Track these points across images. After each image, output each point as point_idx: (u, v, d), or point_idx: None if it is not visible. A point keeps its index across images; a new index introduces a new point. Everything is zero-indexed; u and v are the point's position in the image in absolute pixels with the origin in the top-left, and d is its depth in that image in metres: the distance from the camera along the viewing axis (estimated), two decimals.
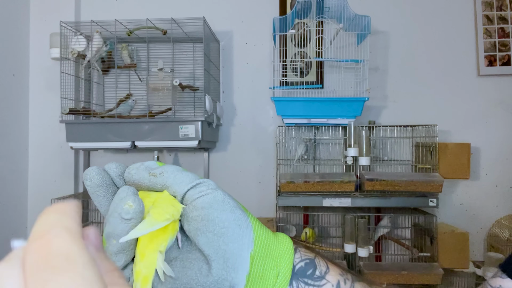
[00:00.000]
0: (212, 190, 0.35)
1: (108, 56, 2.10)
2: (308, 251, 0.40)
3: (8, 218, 2.10)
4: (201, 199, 0.35)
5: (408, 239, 2.11)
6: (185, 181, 0.36)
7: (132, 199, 0.32)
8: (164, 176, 0.36)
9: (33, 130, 2.26)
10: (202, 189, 0.35)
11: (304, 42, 2.21)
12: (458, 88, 2.17)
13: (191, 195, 0.35)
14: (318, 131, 2.13)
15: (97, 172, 0.36)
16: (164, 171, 0.36)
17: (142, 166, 0.37)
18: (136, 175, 0.36)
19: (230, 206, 0.35)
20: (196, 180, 0.36)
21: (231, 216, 0.35)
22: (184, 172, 0.36)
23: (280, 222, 2.02)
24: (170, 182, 0.36)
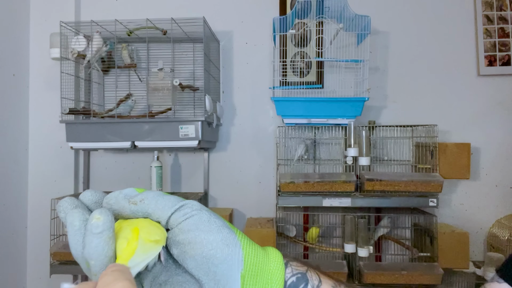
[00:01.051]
0: (197, 211, 0.35)
1: (108, 56, 2.10)
2: (299, 264, 0.40)
3: (8, 218, 2.10)
4: (186, 222, 0.34)
5: (408, 239, 2.11)
6: (168, 205, 0.35)
7: (99, 211, 0.31)
8: (145, 203, 0.35)
9: (33, 130, 2.26)
10: (186, 211, 0.34)
11: (304, 42, 2.21)
12: (458, 88, 2.17)
13: (175, 219, 0.34)
14: (318, 131, 2.13)
15: (69, 203, 0.35)
16: (145, 197, 0.35)
17: (120, 195, 0.36)
18: (115, 205, 0.35)
19: (216, 225, 0.35)
20: (179, 202, 0.35)
21: (218, 236, 0.34)
22: (165, 196, 0.35)
23: (280, 222, 2.02)
24: (152, 208, 0.35)
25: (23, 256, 2.22)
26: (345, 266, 1.87)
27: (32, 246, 2.24)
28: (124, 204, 0.35)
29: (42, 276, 2.20)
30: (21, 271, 2.21)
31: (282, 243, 2.00)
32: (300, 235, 2.09)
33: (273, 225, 1.95)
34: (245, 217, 2.20)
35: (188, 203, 0.35)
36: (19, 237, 2.19)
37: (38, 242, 2.20)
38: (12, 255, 2.14)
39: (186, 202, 0.35)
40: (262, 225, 1.95)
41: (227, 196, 2.23)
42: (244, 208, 2.22)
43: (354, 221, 1.85)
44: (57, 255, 1.89)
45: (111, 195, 0.36)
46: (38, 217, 2.21)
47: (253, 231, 1.88)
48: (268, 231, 1.87)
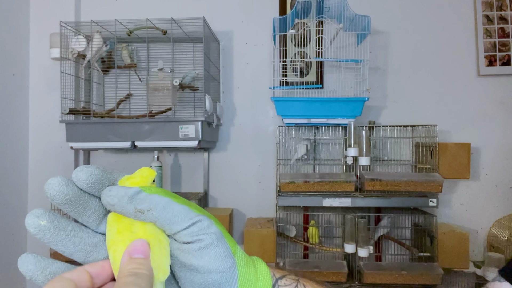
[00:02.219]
0: (205, 236, 0.33)
1: (108, 56, 2.10)
2: (289, 280, 0.40)
3: (8, 218, 2.10)
4: (193, 246, 0.33)
5: (408, 239, 2.11)
6: (177, 221, 0.33)
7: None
8: (153, 215, 0.33)
9: (33, 130, 2.26)
10: (194, 231, 0.33)
11: (304, 42, 2.21)
12: (458, 88, 2.17)
13: (182, 236, 0.33)
14: (318, 131, 2.13)
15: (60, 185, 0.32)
16: (153, 207, 0.33)
17: (125, 197, 0.32)
18: (118, 207, 0.33)
19: (221, 257, 0.34)
20: (189, 220, 0.33)
21: (220, 269, 0.34)
22: (175, 208, 0.33)
23: (280, 222, 2.02)
24: (161, 222, 0.33)
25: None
26: (345, 266, 1.87)
27: (32, 246, 2.24)
28: (129, 210, 0.32)
29: None
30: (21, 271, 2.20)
31: (282, 243, 2.00)
32: (300, 235, 2.09)
33: (273, 225, 1.95)
34: (245, 217, 2.20)
35: (199, 221, 0.34)
36: (19, 237, 2.19)
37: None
38: (12, 255, 2.14)
39: (196, 219, 0.34)
40: (262, 225, 1.95)
41: (227, 196, 2.23)
42: (244, 208, 2.22)
43: (354, 221, 1.85)
44: (57, 255, 1.89)
45: (113, 193, 0.33)
46: None
47: (253, 231, 1.88)
48: (268, 231, 1.87)
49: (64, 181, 0.32)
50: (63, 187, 0.32)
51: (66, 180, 0.32)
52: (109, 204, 0.33)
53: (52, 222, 0.32)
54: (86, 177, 0.33)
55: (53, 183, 0.32)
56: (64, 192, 0.32)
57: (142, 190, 0.33)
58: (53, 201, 0.32)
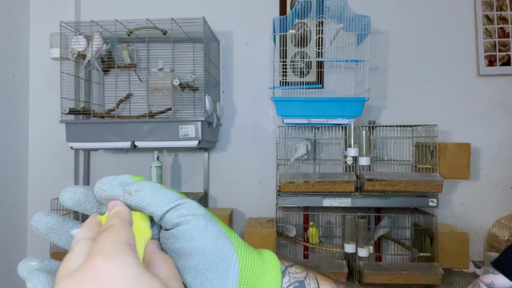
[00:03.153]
0: (193, 217, 0.33)
1: (108, 56, 2.10)
2: (298, 269, 0.39)
3: (8, 218, 2.10)
4: (182, 228, 0.33)
5: (408, 239, 2.11)
6: (163, 201, 0.33)
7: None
8: (140, 195, 0.33)
9: (33, 130, 2.26)
10: (182, 212, 0.33)
11: (304, 42, 2.21)
12: (458, 88, 2.17)
13: (170, 219, 0.33)
14: (318, 131, 2.13)
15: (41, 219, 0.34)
16: (141, 188, 0.33)
17: (115, 181, 0.34)
18: (108, 191, 0.34)
19: (213, 236, 0.33)
20: (176, 200, 0.33)
21: (214, 249, 0.33)
22: (162, 190, 0.34)
23: (280, 222, 2.02)
24: (147, 202, 0.33)
25: (23, 256, 2.22)
26: (345, 266, 1.87)
27: (32, 246, 2.24)
28: (118, 191, 0.33)
29: None
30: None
31: (282, 243, 2.00)
32: (300, 235, 2.09)
33: (273, 225, 1.95)
34: (245, 217, 2.20)
35: (185, 202, 0.33)
36: (19, 237, 2.19)
37: (38, 242, 2.20)
38: (12, 255, 2.14)
39: (183, 201, 0.33)
40: (262, 225, 1.95)
41: (227, 196, 2.23)
42: (244, 208, 2.22)
43: (354, 221, 1.85)
44: (57, 255, 1.89)
45: (105, 180, 0.34)
46: None
47: (253, 231, 1.88)
48: (268, 231, 1.87)
49: (45, 212, 0.34)
50: (46, 217, 0.34)
51: (47, 212, 0.34)
52: (100, 190, 0.34)
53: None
54: (70, 195, 0.34)
55: (38, 216, 0.34)
56: (45, 221, 0.34)
57: (131, 176, 0.35)
58: (38, 231, 0.33)
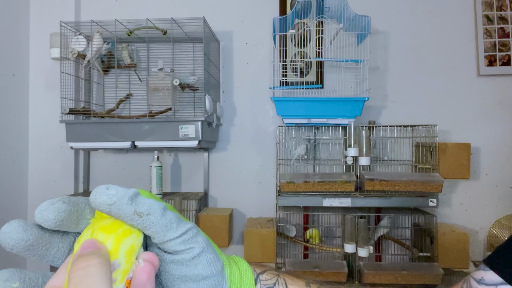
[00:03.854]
0: (197, 245, 0.33)
1: (108, 56, 2.10)
2: (269, 275, 0.41)
3: (8, 218, 2.10)
4: (185, 257, 0.33)
5: (408, 239, 2.11)
6: (171, 228, 0.32)
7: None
8: (151, 220, 0.31)
9: (33, 130, 2.26)
10: (186, 238, 0.33)
11: (304, 42, 2.21)
12: (458, 88, 2.17)
13: (173, 245, 0.32)
14: (318, 131, 2.13)
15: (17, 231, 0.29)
16: (152, 212, 0.31)
17: (126, 197, 0.29)
18: (115, 208, 0.29)
19: (211, 262, 0.34)
20: (182, 227, 0.33)
21: (212, 274, 0.34)
22: (169, 214, 0.32)
23: (280, 222, 2.02)
24: (156, 228, 0.31)
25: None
26: (345, 266, 1.87)
27: None
28: (127, 212, 0.30)
29: None
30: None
31: (282, 243, 2.00)
32: (300, 235, 2.09)
33: (273, 225, 1.95)
34: (245, 217, 2.20)
35: (189, 229, 0.33)
36: None
37: None
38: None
39: (188, 227, 0.33)
40: (262, 225, 1.95)
41: (227, 196, 2.23)
42: (244, 208, 2.22)
43: (354, 221, 1.85)
44: None
45: (112, 192, 0.29)
46: None
47: (253, 231, 1.88)
48: (268, 231, 1.87)
49: (22, 225, 0.29)
50: (22, 233, 0.29)
51: (23, 224, 0.29)
52: (105, 204, 0.29)
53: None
54: (54, 216, 0.29)
55: (8, 231, 0.28)
56: (24, 238, 0.29)
57: (140, 192, 0.31)
58: (12, 250, 0.29)
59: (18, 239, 0.28)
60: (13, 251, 0.29)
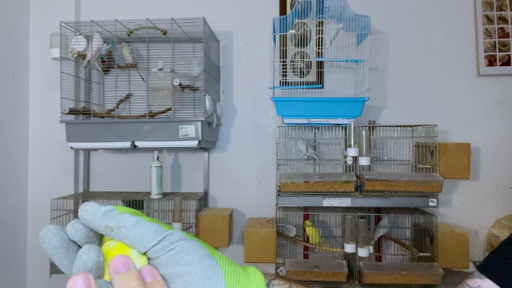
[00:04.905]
0: (176, 244, 0.34)
1: (108, 56, 2.10)
2: (281, 281, 0.41)
3: (8, 218, 2.10)
4: (165, 256, 0.34)
5: (408, 239, 2.11)
6: (146, 238, 0.34)
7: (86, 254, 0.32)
8: (122, 232, 0.34)
9: (33, 130, 2.26)
10: (165, 244, 0.34)
11: (304, 42, 2.21)
12: (458, 88, 2.17)
13: (153, 252, 0.34)
14: (318, 131, 2.13)
15: (54, 233, 0.34)
16: (123, 225, 0.34)
17: (97, 214, 0.34)
18: (90, 222, 0.34)
19: (196, 256, 0.35)
20: (158, 236, 0.34)
21: (199, 268, 0.34)
22: (145, 225, 0.35)
23: (280, 222, 2.02)
24: (130, 240, 0.34)
25: (23, 256, 2.22)
26: (345, 266, 1.87)
27: (32, 246, 2.24)
28: (100, 226, 0.34)
29: (42, 276, 2.20)
30: (21, 271, 2.21)
31: (282, 243, 2.00)
32: (300, 235, 2.09)
33: (273, 225, 1.95)
34: (245, 217, 2.20)
35: (168, 234, 0.35)
36: (19, 237, 2.19)
37: (38, 242, 2.19)
38: (12, 255, 2.14)
39: (165, 234, 0.35)
40: (262, 225, 1.95)
41: (227, 196, 2.23)
42: (244, 208, 2.22)
43: (354, 221, 1.85)
44: None
45: (86, 209, 0.35)
46: (38, 217, 2.21)
47: (253, 231, 1.88)
48: (268, 231, 1.87)
49: (57, 228, 0.35)
50: (59, 231, 0.35)
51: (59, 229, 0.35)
52: (82, 219, 0.35)
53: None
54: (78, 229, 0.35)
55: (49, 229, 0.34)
56: (60, 234, 0.34)
57: (115, 208, 0.35)
58: (49, 244, 0.34)
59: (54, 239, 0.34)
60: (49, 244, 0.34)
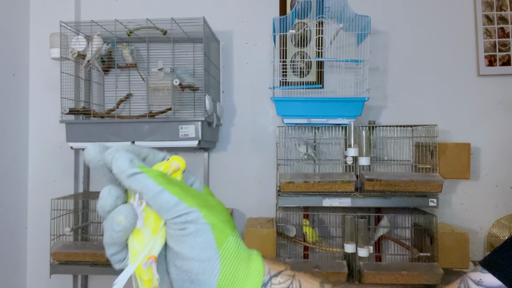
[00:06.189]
0: (190, 226, 0.35)
1: (108, 56, 2.10)
2: (284, 278, 0.40)
3: (8, 218, 2.10)
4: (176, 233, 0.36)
5: (408, 239, 2.11)
6: (163, 210, 0.35)
7: (125, 215, 0.35)
8: (143, 197, 0.36)
9: (33, 130, 2.26)
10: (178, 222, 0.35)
11: (304, 42, 2.20)
12: (458, 88, 2.17)
13: (168, 223, 0.36)
14: (318, 131, 2.13)
15: (97, 152, 0.37)
16: (144, 192, 0.35)
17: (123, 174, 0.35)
18: (118, 178, 0.36)
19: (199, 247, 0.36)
20: (174, 213, 0.35)
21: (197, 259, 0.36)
22: (165, 197, 0.35)
23: (280, 222, 2.02)
24: (152, 207, 0.36)
25: (23, 256, 2.22)
26: (345, 266, 1.87)
27: (32, 246, 2.24)
28: (125, 184, 0.36)
29: (42, 276, 2.20)
30: (21, 271, 2.21)
31: (282, 243, 2.00)
32: (300, 235, 2.09)
33: (273, 225, 1.95)
34: (245, 217, 2.20)
35: (183, 214, 0.35)
36: (19, 237, 2.19)
37: (38, 242, 2.20)
38: (12, 255, 2.14)
39: (181, 212, 0.35)
40: (262, 225, 1.95)
41: (227, 196, 2.22)
42: (244, 208, 2.22)
43: (354, 221, 1.85)
44: (57, 255, 1.89)
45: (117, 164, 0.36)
46: (38, 217, 2.21)
47: (253, 231, 1.88)
48: (268, 231, 1.87)
49: (100, 148, 0.37)
50: (97, 154, 0.37)
51: (102, 148, 0.37)
52: (113, 170, 0.36)
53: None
54: (125, 158, 0.37)
55: (93, 149, 0.37)
56: (97, 158, 0.37)
57: (143, 172, 0.35)
58: (89, 164, 0.37)
59: (94, 157, 0.37)
60: (89, 165, 0.37)
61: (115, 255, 0.38)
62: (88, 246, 1.97)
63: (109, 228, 0.36)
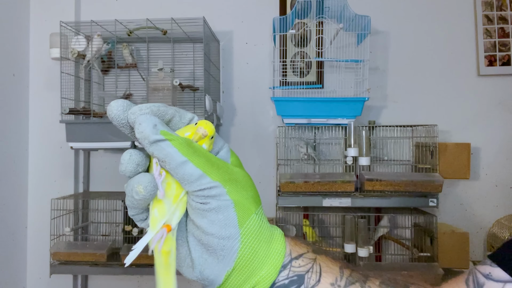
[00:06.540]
0: (212, 201, 0.34)
1: (108, 56, 2.10)
2: (305, 261, 0.39)
3: (8, 218, 2.10)
4: (197, 206, 0.35)
5: (408, 239, 2.11)
6: (186, 182, 0.34)
7: (144, 185, 0.34)
8: (166, 167, 0.34)
9: (33, 130, 2.26)
10: (200, 195, 0.34)
11: (304, 42, 2.20)
12: (458, 88, 2.17)
13: (191, 196, 0.35)
14: (318, 131, 2.13)
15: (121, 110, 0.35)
16: (167, 161, 0.34)
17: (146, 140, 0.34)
18: (142, 142, 0.34)
19: (220, 224, 0.35)
20: (197, 186, 0.34)
21: (216, 236, 0.35)
22: (188, 169, 0.34)
23: (280, 222, 2.02)
24: (173, 175, 0.35)
25: (23, 256, 2.22)
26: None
27: (32, 246, 2.24)
28: (148, 150, 0.34)
29: (42, 276, 2.20)
30: (21, 271, 2.21)
31: None
32: (300, 235, 2.09)
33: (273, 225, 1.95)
34: None
35: (207, 188, 0.34)
36: (19, 237, 2.19)
37: (38, 242, 2.20)
38: (12, 255, 2.14)
39: (204, 186, 0.34)
40: None
41: None
42: None
43: (354, 221, 1.85)
44: (57, 255, 1.89)
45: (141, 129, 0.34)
46: (38, 217, 2.21)
47: None
48: None
49: (123, 106, 0.35)
50: (121, 112, 0.35)
51: (125, 105, 0.35)
52: (136, 135, 0.35)
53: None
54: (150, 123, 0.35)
55: (117, 105, 0.35)
56: (121, 116, 0.35)
57: (167, 139, 0.34)
58: (112, 121, 0.36)
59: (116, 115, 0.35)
60: (113, 122, 0.36)
61: (136, 216, 0.37)
62: (88, 246, 1.97)
63: (129, 194, 0.35)
